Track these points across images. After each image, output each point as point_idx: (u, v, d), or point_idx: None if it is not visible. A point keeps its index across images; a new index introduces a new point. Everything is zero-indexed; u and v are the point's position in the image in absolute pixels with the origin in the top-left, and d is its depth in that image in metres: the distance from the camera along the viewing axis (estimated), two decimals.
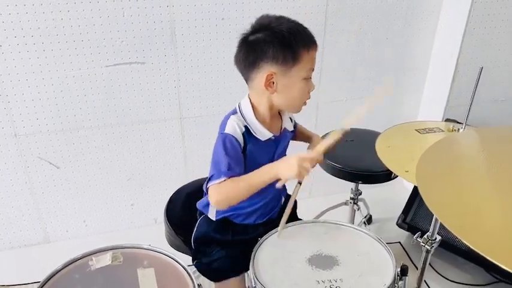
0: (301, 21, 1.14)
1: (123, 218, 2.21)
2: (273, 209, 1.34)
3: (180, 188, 1.60)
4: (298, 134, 1.39)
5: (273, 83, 1.13)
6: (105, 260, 1.12)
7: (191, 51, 1.90)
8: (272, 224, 1.30)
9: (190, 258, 1.34)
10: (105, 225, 2.20)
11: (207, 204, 1.31)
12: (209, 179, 1.15)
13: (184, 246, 1.40)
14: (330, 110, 2.27)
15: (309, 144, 1.36)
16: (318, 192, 2.47)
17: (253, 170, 1.14)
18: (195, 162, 2.15)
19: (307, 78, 1.14)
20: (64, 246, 2.12)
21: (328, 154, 1.79)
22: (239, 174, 1.13)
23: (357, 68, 2.21)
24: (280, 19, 1.13)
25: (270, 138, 1.20)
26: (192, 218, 1.40)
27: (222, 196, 1.13)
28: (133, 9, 1.76)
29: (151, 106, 1.96)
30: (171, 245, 1.44)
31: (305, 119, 2.23)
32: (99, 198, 2.12)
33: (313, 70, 1.16)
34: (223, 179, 1.11)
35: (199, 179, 1.61)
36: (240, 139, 1.15)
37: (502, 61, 2.26)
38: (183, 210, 1.49)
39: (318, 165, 1.82)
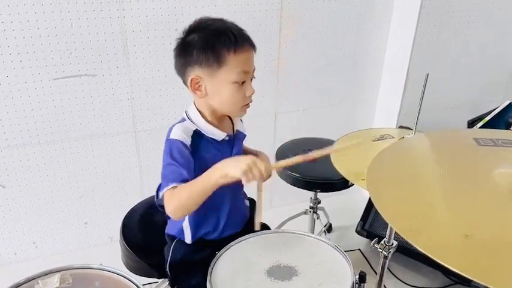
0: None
1: (76, 237, 2.11)
2: (244, 216, 1.31)
3: (134, 207, 1.54)
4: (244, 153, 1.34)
5: (201, 86, 1.11)
6: (53, 282, 1.06)
7: (144, 62, 1.85)
8: (244, 230, 1.28)
9: (145, 278, 1.28)
10: (57, 246, 2.09)
11: (181, 229, 1.25)
12: (158, 189, 1.10)
13: (142, 268, 1.34)
14: (287, 119, 2.28)
15: None
16: (277, 203, 2.47)
17: None
18: (152, 176, 2.09)
19: (239, 82, 1.09)
20: (12, 270, 2.00)
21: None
22: (189, 178, 1.07)
23: (312, 78, 2.24)
24: (214, 21, 1.11)
25: (224, 139, 1.17)
26: (150, 237, 1.35)
27: (176, 203, 1.06)
28: (82, 20, 1.70)
29: (104, 120, 1.90)
30: (128, 267, 1.37)
31: (264, 129, 2.26)
32: (49, 218, 2.02)
33: (248, 73, 1.11)
34: (171, 185, 1.05)
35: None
36: (188, 144, 1.11)
37: (449, 70, 2.36)
38: (140, 229, 1.43)
39: (277, 175, 1.85)
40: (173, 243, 1.27)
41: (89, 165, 1.97)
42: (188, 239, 1.25)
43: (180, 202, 1.06)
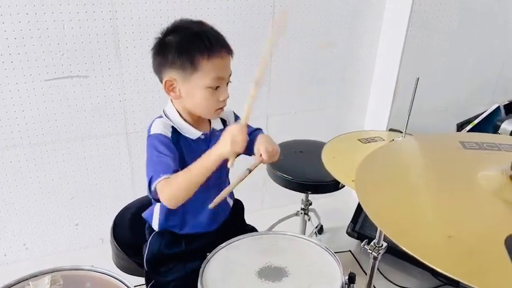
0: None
1: (67, 239, 2.11)
2: (222, 214, 1.32)
3: (127, 205, 1.54)
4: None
5: (175, 88, 1.12)
6: (44, 284, 1.05)
7: (136, 64, 1.86)
8: (222, 229, 1.29)
9: (137, 278, 1.29)
10: (48, 247, 2.08)
11: (151, 213, 1.29)
12: (149, 183, 1.10)
13: (132, 267, 1.34)
14: (279, 122, 2.29)
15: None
16: (269, 204, 2.48)
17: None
18: (143, 178, 2.07)
19: (213, 87, 1.10)
20: (2, 271, 1.98)
21: (278, 165, 1.82)
22: (179, 169, 1.09)
23: (304, 80, 2.25)
24: (192, 23, 1.12)
25: (199, 138, 1.18)
26: (140, 236, 1.35)
27: (172, 191, 1.07)
28: (74, 22, 1.70)
29: (95, 121, 1.90)
30: (119, 267, 1.38)
31: None
32: (40, 220, 2.01)
33: (222, 79, 1.11)
34: (163, 176, 1.06)
35: (146, 196, 1.56)
36: (169, 137, 1.13)
37: (439, 73, 2.39)
38: (131, 229, 1.44)
39: (269, 177, 1.86)
40: (149, 239, 1.29)
41: (80, 166, 1.97)
42: (155, 225, 1.27)
43: (176, 190, 1.07)
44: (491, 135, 1.12)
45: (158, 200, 1.13)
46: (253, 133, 1.35)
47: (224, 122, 1.30)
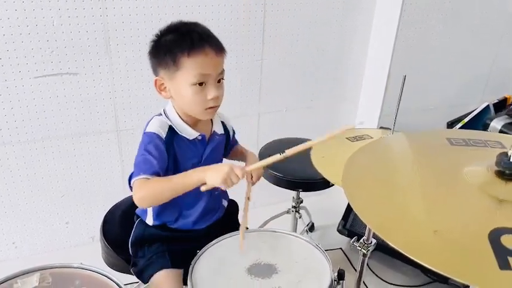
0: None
1: (58, 237, 2.09)
2: (213, 213, 1.32)
3: (117, 203, 1.54)
4: (234, 152, 1.40)
5: (166, 88, 1.15)
6: (32, 281, 1.05)
7: (127, 61, 1.85)
8: (214, 228, 1.29)
9: (127, 276, 1.28)
10: (38, 246, 2.07)
11: (146, 210, 1.29)
12: (130, 177, 1.13)
13: (122, 265, 1.34)
14: (270, 120, 2.30)
15: (245, 163, 1.36)
16: (260, 202, 2.47)
17: (180, 170, 1.13)
18: None
19: (198, 84, 1.10)
20: None
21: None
22: (160, 171, 1.11)
23: (295, 79, 2.26)
24: (183, 24, 1.14)
25: (197, 138, 1.19)
26: (130, 234, 1.35)
27: (145, 192, 1.09)
28: (63, 18, 1.69)
29: (85, 119, 1.88)
30: (108, 264, 1.38)
31: (247, 129, 2.27)
32: (30, 218, 1.99)
33: (207, 75, 1.10)
34: (143, 176, 1.08)
35: None
36: (163, 137, 1.15)
37: (429, 71, 2.41)
38: (121, 226, 1.43)
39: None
40: (136, 222, 1.31)
41: (70, 164, 1.96)
42: (150, 220, 1.28)
43: (150, 193, 1.10)
44: (478, 132, 1.14)
45: None
46: (233, 140, 1.39)
47: (224, 126, 1.32)
